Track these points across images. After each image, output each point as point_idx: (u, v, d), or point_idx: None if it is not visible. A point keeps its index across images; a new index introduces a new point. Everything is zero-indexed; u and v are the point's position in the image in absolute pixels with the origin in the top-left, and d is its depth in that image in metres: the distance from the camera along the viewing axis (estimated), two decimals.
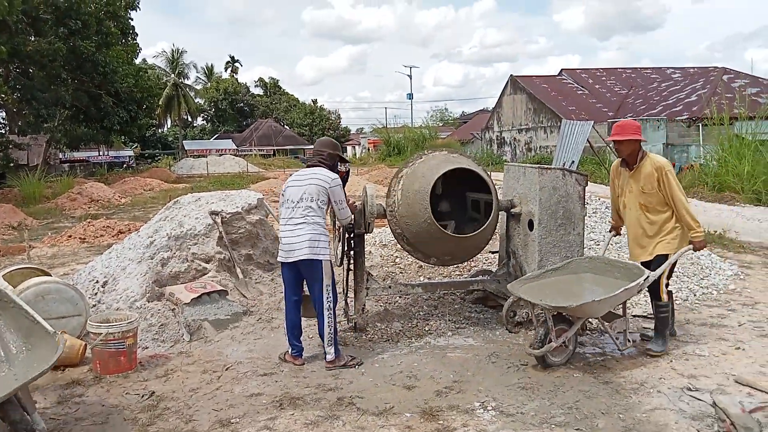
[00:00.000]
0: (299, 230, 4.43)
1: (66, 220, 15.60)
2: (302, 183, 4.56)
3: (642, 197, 4.66)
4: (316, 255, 4.40)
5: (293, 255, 4.43)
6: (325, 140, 4.97)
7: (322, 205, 4.51)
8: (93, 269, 6.48)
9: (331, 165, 4.72)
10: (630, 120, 4.84)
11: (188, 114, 62.56)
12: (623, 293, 4.24)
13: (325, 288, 4.47)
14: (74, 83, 25.20)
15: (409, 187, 5.15)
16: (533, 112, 34.25)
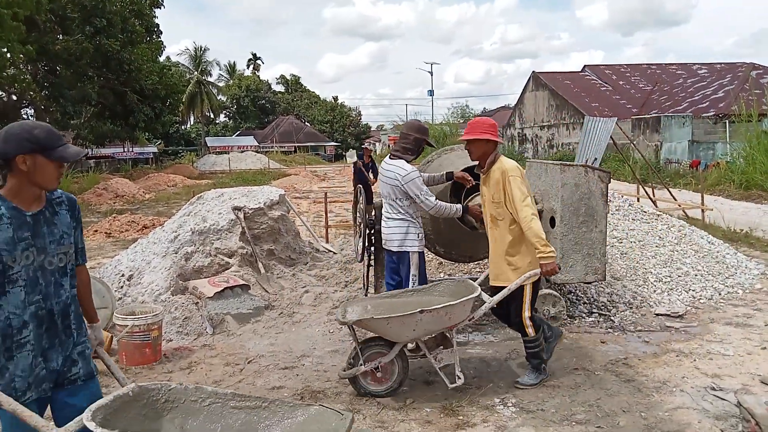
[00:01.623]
0: (390, 223, 4.55)
1: (92, 215, 15.91)
2: (384, 180, 4.56)
3: (492, 208, 4.02)
4: (403, 247, 4.47)
5: (387, 245, 4.60)
6: (412, 123, 4.81)
7: (402, 202, 4.46)
8: (119, 263, 6.61)
9: (417, 150, 4.56)
10: (484, 117, 4.22)
11: (211, 111, 63.19)
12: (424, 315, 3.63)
13: (411, 277, 4.49)
14: (100, 81, 25.65)
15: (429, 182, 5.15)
16: (555, 108, 33.91)
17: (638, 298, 5.81)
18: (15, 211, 2.11)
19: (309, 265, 7.25)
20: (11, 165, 2.08)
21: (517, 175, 3.86)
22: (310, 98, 74.70)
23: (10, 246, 2.08)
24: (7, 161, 2.08)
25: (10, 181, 2.12)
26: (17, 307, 2.10)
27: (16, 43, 17.62)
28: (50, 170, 2.14)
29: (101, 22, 23.71)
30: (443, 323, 3.79)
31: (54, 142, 2.13)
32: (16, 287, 2.10)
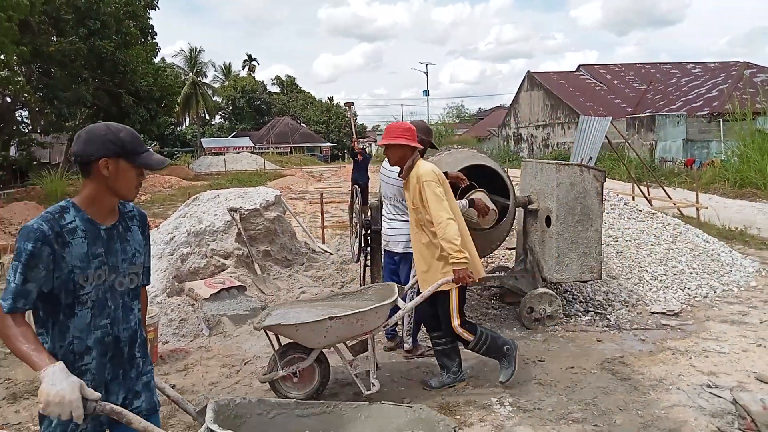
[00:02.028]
0: (394, 225, 4.55)
1: None
2: (388, 182, 4.53)
3: (412, 213, 3.97)
4: (408, 249, 4.44)
5: (389, 246, 4.58)
6: (418, 124, 4.70)
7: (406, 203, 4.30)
8: None
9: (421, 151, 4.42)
10: (401, 122, 4.17)
11: (206, 112, 63.06)
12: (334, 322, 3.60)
13: (412, 278, 4.46)
14: (95, 83, 25.56)
15: None
16: (550, 108, 33.99)
17: (634, 296, 5.82)
18: (90, 224, 1.91)
19: (305, 265, 7.24)
20: (91, 169, 1.88)
21: (432, 180, 3.75)
22: (306, 99, 74.60)
23: (84, 263, 1.87)
24: (87, 164, 1.88)
25: (87, 188, 1.92)
26: (82, 330, 1.90)
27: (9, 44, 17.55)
28: (132, 178, 1.95)
29: (95, 24, 23.63)
30: (355, 330, 3.71)
31: (139, 147, 1.94)
32: (84, 309, 1.89)
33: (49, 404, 1.64)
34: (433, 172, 3.80)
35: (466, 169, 5.01)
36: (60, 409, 1.65)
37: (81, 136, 1.90)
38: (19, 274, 1.77)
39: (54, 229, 1.83)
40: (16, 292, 1.78)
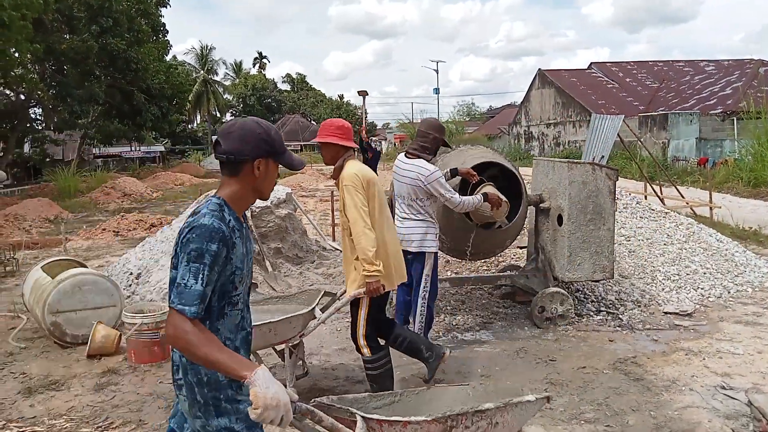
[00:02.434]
0: (407, 224, 4.41)
1: (100, 214, 15.98)
2: (401, 180, 4.43)
3: (342, 215, 3.71)
4: (422, 248, 4.37)
5: (402, 245, 4.32)
6: (432, 122, 4.68)
7: (422, 202, 4.36)
8: (127, 261, 6.64)
9: (435, 149, 4.49)
10: (335, 119, 3.91)
11: (217, 110, 63.29)
12: None
13: (424, 277, 4.42)
14: (107, 80, 25.74)
15: None
16: (562, 106, 33.80)
17: (646, 296, 5.78)
18: (239, 223, 1.85)
19: (316, 263, 7.27)
20: (242, 167, 1.82)
21: (351, 184, 3.51)
22: (316, 97, 74.71)
23: (242, 264, 1.83)
24: (239, 163, 1.81)
25: (233, 186, 1.84)
26: (231, 332, 1.86)
27: (23, 42, 17.70)
28: (275, 177, 1.90)
29: (107, 22, 23.78)
30: (269, 339, 3.62)
31: (283, 146, 1.88)
32: (234, 310, 1.85)
33: (267, 408, 1.58)
34: (356, 176, 3.54)
35: (478, 166, 5.00)
36: (275, 414, 1.60)
37: (232, 133, 1.81)
38: (203, 277, 1.68)
39: (228, 229, 1.77)
40: (202, 295, 1.68)
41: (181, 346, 1.69)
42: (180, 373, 1.84)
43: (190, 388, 1.82)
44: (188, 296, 1.67)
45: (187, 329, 1.66)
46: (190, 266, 1.69)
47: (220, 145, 1.82)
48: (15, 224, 13.13)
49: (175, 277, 1.72)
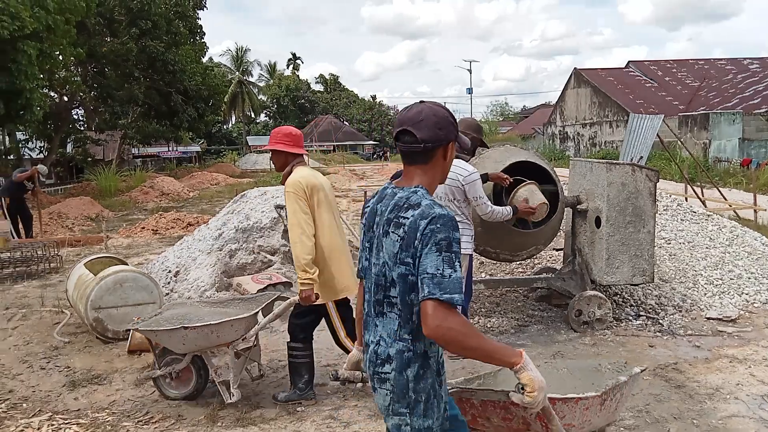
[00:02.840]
0: None
1: (139, 213, 16.37)
2: None
3: None
4: None
5: None
6: (470, 122, 4.59)
7: (459, 203, 4.29)
8: (166, 259, 6.79)
9: (472, 150, 4.40)
10: (285, 126, 3.92)
11: (252, 110, 64.23)
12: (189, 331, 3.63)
13: None
14: (146, 82, 26.36)
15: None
16: (598, 106, 33.20)
17: (688, 301, 5.63)
18: None
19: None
20: (435, 154, 1.79)
21: (293, 191, 3.52)
22: (349, 97, 75.08)
23: None
24: (433, 150, 1.78)
25: (427, 173, 1.81)
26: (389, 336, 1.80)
27: (67, 46, 18.26)
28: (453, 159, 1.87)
29: (146, 24, 24.35)
30: (212, 340, 3.70)
31: None
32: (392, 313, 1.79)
33: (541, 390, 1.65)
34: (299, 183, 3.54)
35: (514, 165, 4.94)
36: (543, 396, 1.66)
37: (423, 121, 1.76)
38: (459, 264, 1.66)
39: None
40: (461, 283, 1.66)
41: (450, 338, 1.62)
42: (388, 366, 1.76)
43: (401, 383, 1.75)
44: (451, 285, 1.62)
45: (457, 319, 1.62)
46: (443, 256, 1.64)
47: (412, 135, 1.77)
48: (59, 222, 13.56)
49: (426, 269, 1.64)
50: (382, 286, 1.78)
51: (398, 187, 1.81)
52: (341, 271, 3.67)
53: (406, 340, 1.75)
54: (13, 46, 14.62)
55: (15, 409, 3.90)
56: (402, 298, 1.73)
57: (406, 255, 1.69)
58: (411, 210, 1.71)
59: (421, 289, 1.64)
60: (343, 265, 3.69)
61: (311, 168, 3.80)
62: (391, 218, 1.74)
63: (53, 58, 18.14)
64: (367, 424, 3.54)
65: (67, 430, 3.54)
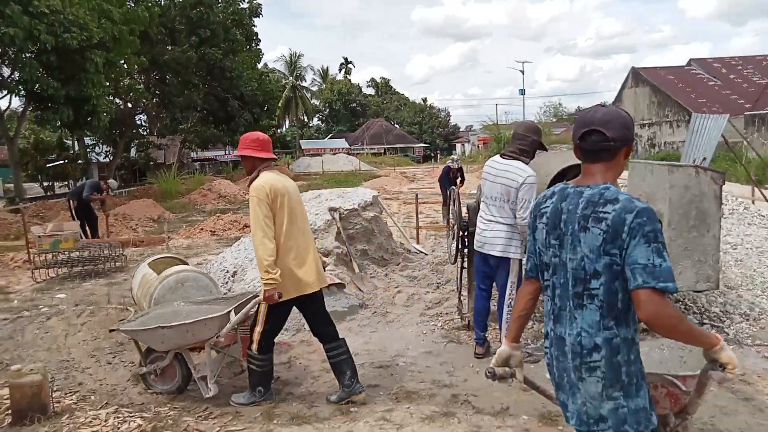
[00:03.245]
0: (492, 227, 4.37)
1: (198, 214, 16.92)
2: (495, 181, 4.34)
3: None
4: (505, 253, 4.34)
5: (484, 248, 4.43)
6: (530, 124, 4.64)
7: (514, 205, 4.28)
8: (224, 260, 6.99)
9: (533, 153, 4.44)
10: (252, 132, 4.06)
11: (305, 115, 65.33)
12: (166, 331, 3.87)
13: (509, 284, 4.39)
14: (204, 88, 27.28)
15: None
16: (657, 105, 32.05)
17: (756, 309, 5.36)
18: None
19: (401, 265, 7.31)
20: (619, 152, 1.94)
21: (256, 195, 3.65)
22: (400, 100, 75.32)
23: None
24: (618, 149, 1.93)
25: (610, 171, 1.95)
26: (591, 326, 1.89)
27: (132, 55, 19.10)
28: None
29: (205, 33, 25.21)
30: (188, 339, 3.92)
31: None
32: (592, 305, 1.88)
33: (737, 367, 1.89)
34: (262, 188, 3.66)
35: (571, 168, 4.85)
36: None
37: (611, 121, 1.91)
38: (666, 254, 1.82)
39: None
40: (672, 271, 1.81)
41: (666, 323, 1.79)
42: (597, 354, 1.88)
43: (613, 369, 1.87)
44: (664, 274, 1.77)
45: (671, 306, 1.80)
46: (652, 246, 1.78)
47: (601, 134, 1.91)
48: (123, 223, 14.18)
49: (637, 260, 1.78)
50: (581, 279, 1.90)
51: (581, 186, 1.95)
52: (304, 270, 3.81)
53: (611, 328, 1.87)
54: (82, 56, 15.41)
55: (84, 401, 4.10)
56: (607, 287, 1.85)
57: (611, 247, 1.82)
58: (610, 205, 1.84)
59: (633, 279, 1.79)
60: (306, 265, 3.82)
61: (278, 173, 3.91)
62: (587, 214, 1.87)
63: (118, 66, 19.02)
64: (420, 427, 3.55)
65: (131, 423, 3.69)
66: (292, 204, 3.80)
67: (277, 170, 3.92)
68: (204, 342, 4.01)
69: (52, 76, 15.24)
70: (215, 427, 3.64)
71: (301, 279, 3.79)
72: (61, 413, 3.86)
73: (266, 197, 3.66)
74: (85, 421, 3.74)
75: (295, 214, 3.81)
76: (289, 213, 3.75)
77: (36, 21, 14.24)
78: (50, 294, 7.57)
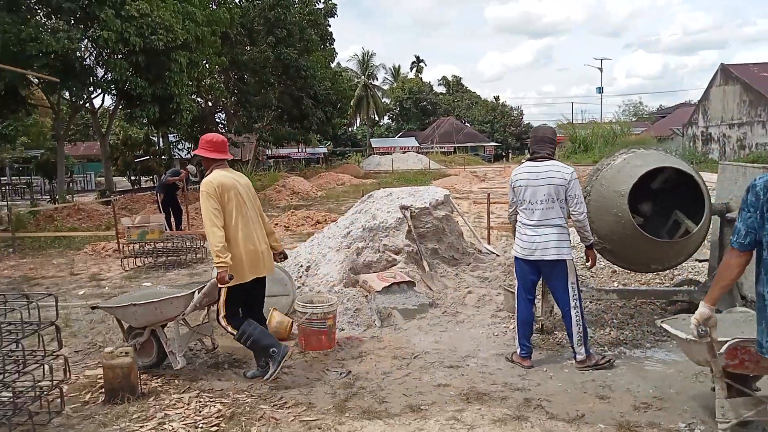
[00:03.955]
0: (541, 231, 4.33)
1: (272, 210, 17.45)
2: (539, 183, 4.35)
3: None
4: (561, 255, 4.32)
5: (535, 255, 4.36)
6: (548, 129, 4.71)
7: (563, 205, 4.34)
8: (298, 255, 7.17)
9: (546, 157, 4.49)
10: (211, 134, 4.58)
11: (376, 113, 65.90)
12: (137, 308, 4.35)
13: (570, 286, 4.37)
14: (280, 87, 28.05)
15: (605, 185, 4.88)
16: (749, 104, 30.09)
17: None
18: None
19: (472, 265, 7.25)
20: None
21: (206, 190, 4.17)
22: (471, 98, 74.54)
23: None
24: None
25: None
26: None
27: (213, 56, 19.92)
28: None
29: (282, 33, 25.91)
30: (158, 316, 4.40)
31: None
32: None
33: None
34: (210, 183, 4.20)
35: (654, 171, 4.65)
36: None
37: None
38: None
39: None
40: None
41: None
42: None
43: None
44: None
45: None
46: None
47: None
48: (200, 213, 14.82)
49: None
50: None
51: None
52: (253, 257, 4.29)
53: None
54: (167, 56, 16.23)
55: (169, 384, 4.33)
56: None
57: None
58: None
59: None
60: (254, 252, 4.30)
61: (229, 170, 4.44)
62: None
63: (200, 66, 19.88)
64: (491, 429, 3.51)
65: (212, 408, 3.87)
66: (241, 198, 4.32)
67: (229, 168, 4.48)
68: (173, 319, 4.48)
69: (140, 76, 16.14)
70: (289, 416, 3.75)
71: (249, 264, 4.28)
72: (148, 394, 4.10)
73: (214, 192, 4.18)
74: (170, 403, 3.95)
75: (243, 205, 4.32)
76: (237, 205, 4.26)
77: (127, 24, 15.12)
78: (137, 282, 8.03)
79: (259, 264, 4.35)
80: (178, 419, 3.70)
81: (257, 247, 4.34)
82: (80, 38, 15.25)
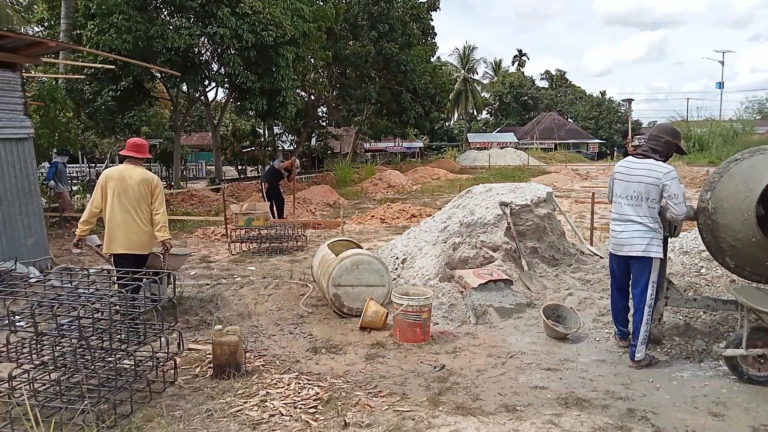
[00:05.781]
0: (627, 227, 4.45)
1: (369, 202, 17.75)
2: (631, 179, 4.41)
3: None
4: (647, 253, 4.37)
5: (623, 250, 4.50)
6: (665, 126, 4.73)
7: (653, 204, 4.34)
8: (394, 247, 7.25)
9: (666, 153, 4.47)
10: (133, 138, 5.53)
11: (474, 108, 64.98)
12: None
13: (650, 284, 4.40)
14: (380, 81, 28.36)
15: (730, 188, 4.49)
16: None
17: None
18: None
19: (573, 267, 6.98)
20: None
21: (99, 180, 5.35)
22: (575, 93, 71.61)
23: None
24: None
25: None
26: None
27: (318, 50, 20.50)
28: None
29: (384, 27, 26.16)
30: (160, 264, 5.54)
31: None
32: None
33: None
34: (102, 174, 5.40)
35: None
36: None
37: None
38: None
39: None
40: None
41: None
42: None
43: None
44: None
45: None
46: None
47: None
48: (304, 207, 15.37)
49: None
50: None
51: None
52: (114, 236, 5.23)
53: None
54: (276, 52, 16.89)
55: (270, 365, 4.53)
56: None
57: None
58: None
59: None
60: (116, 231, 5.22)
61: (127, 165, 5.35)
62: None
63: (306, 61, 20.52)
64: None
65: (310, 390, 4.01)
66: (115, 187, 5.22)
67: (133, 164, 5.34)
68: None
69: (251, 71, 16.92)
70: (384, 405, 3.81)
71: (113, 240, 5.24)
72: (252, 372, 4.31)
73: (103, 180, 5.28)
74: (271, 382, 4.14)
75: (117, 193, 5.22)
76: (112, 192, 5.22)
77: (240, 21, 15.90)
78: (243, 265, 8.47)
79: (121, 241, 5.24)
80: (278, 398, 3.87)
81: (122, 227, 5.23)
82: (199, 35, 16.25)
